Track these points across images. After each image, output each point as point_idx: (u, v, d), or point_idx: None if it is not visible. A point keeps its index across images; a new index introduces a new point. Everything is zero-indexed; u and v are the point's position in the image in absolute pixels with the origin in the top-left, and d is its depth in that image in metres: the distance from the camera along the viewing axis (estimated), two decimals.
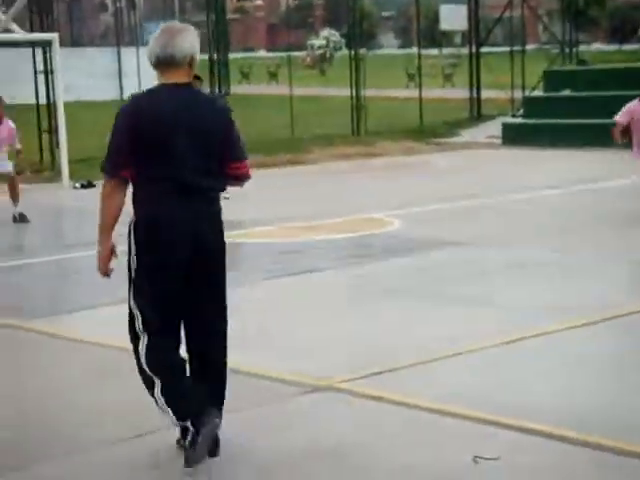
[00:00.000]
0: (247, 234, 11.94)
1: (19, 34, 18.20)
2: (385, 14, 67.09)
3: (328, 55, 50.63)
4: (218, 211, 4.94)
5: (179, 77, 4.86)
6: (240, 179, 5.05)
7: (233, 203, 14.11)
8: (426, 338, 7.18)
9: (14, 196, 13.68)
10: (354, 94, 24.88)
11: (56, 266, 10.86)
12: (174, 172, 4.76)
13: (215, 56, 24.22)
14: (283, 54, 45.04)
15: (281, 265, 10.28)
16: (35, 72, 19.98)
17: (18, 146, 13.89)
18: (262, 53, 66.28)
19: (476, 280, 9.10)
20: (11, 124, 13.79)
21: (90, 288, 8.90)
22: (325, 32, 52.36)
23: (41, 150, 19.78)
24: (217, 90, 23.01)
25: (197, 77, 5.18)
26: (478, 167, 19.42)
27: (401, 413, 5.66)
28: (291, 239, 11.63)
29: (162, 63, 4.84)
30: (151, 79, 9.54)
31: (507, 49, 27.88)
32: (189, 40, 4.86)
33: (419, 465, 4.91)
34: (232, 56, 40.38)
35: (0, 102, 13.69)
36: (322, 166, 20.24)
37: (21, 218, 13.52)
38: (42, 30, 20.35)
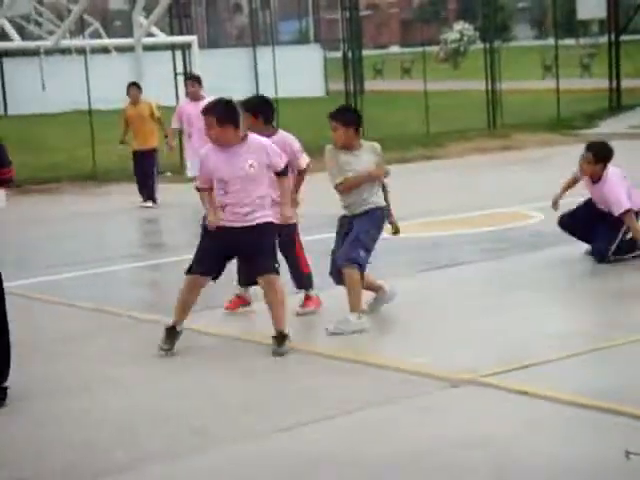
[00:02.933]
0: (387, 229, 11.97)
1: (161, 37, 18.68)
2: (520, 5, 66.20)
3: (462, 49, 50.20)
4: None
5: None
6: (8, 182, 6.66)
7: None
8: (569, 333, 7.11)
9: None
10: (489, 87, 24.65)
11: None
12: None
13: (349, 53, 24.30)
14: (417, 49, 44.92)
15: (422, 259, 10.29)
16: (175, 74, 20.46)
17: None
18: (395, 49, 66.18)
19: (619, 275, 8.94)
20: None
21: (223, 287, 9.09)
22: (459, 26, 51.87)
23: (181, 151, 20.21)
24: (352, 87, 23.04)
25: None
26: (618, 158, 18.98)
27: (547, 407, 5.62)
28: (431, 233, 11.62)
29: None
30: (288, 78, 9.70)
31: None
32: None
33: (570, 460, 4.87)
34: (365, 53, 40.47)
35: (199, 83, 13.77)
36: (458, 160, 20.11)
37: None
38: (181, 33, 20.82)
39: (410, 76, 44.79)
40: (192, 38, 19.01)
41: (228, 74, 32.35)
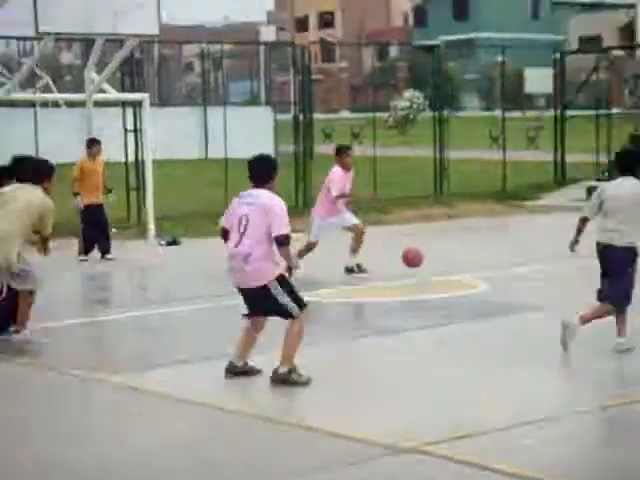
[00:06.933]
0: (332, 293, 12.03)
1: (113, 94, 18.66)
2: (468, 77, 67.32)
3: (411, 116, 50.78)
4: None
5: None
6: None
7: (317, 262, 14.24)
8: (510, 404, 7.14)
9: (357, 247, 13.81)
10: (437, 155, 24.94)
11: (141, 321, 10.98)
12: None
13: (300, 116, 24.44)
14: (366, 115, 45.34)
15: (363, 326, 10.30)
16: (125, 130, 20.42)
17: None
18: (345, 114, 66.72)
19: (557, 345, 9.01)
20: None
21: (173, 344, 9.00)
22: (408, 93, 52.54)
23: (128, 206, 20.14)
24: (301, 150, 23.13)
25: None
26: (562, 231, 19.23)
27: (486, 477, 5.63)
28: (371, 299, 11.65)
29: None
30: (237, 139, 9.74)
31: (592, 112, 27.73)
32: None
33: None
34: (316, 116, 40.68)
35: (348, 152, 14.07)
36: (403, 227, 20.25)
37: (359, 269, 13.62)
38: (133, 90, 20.82)
39: (359, 141, 45.18)
40: (144, 96, 18.99)
41: (178, 132, 32.42)
